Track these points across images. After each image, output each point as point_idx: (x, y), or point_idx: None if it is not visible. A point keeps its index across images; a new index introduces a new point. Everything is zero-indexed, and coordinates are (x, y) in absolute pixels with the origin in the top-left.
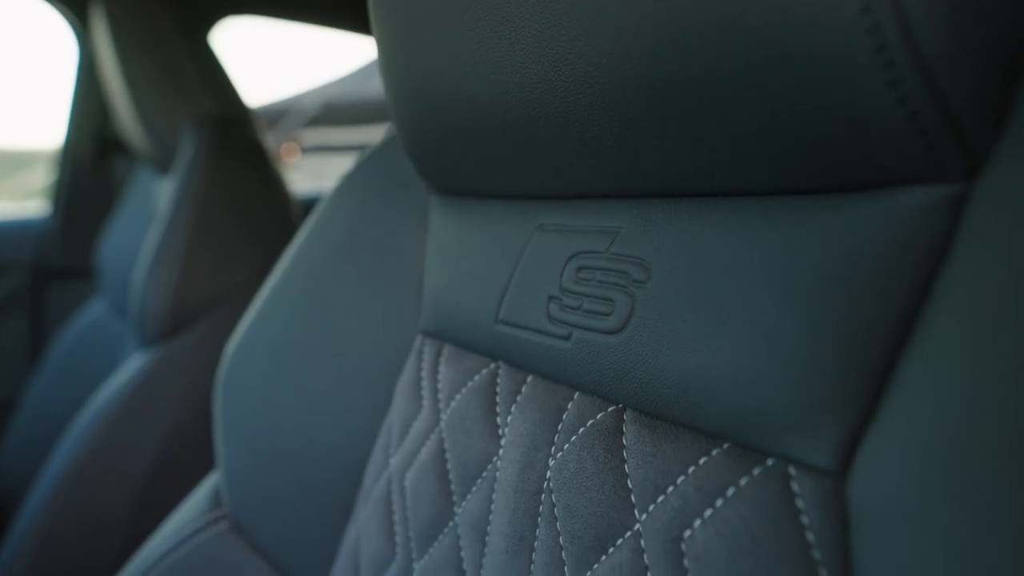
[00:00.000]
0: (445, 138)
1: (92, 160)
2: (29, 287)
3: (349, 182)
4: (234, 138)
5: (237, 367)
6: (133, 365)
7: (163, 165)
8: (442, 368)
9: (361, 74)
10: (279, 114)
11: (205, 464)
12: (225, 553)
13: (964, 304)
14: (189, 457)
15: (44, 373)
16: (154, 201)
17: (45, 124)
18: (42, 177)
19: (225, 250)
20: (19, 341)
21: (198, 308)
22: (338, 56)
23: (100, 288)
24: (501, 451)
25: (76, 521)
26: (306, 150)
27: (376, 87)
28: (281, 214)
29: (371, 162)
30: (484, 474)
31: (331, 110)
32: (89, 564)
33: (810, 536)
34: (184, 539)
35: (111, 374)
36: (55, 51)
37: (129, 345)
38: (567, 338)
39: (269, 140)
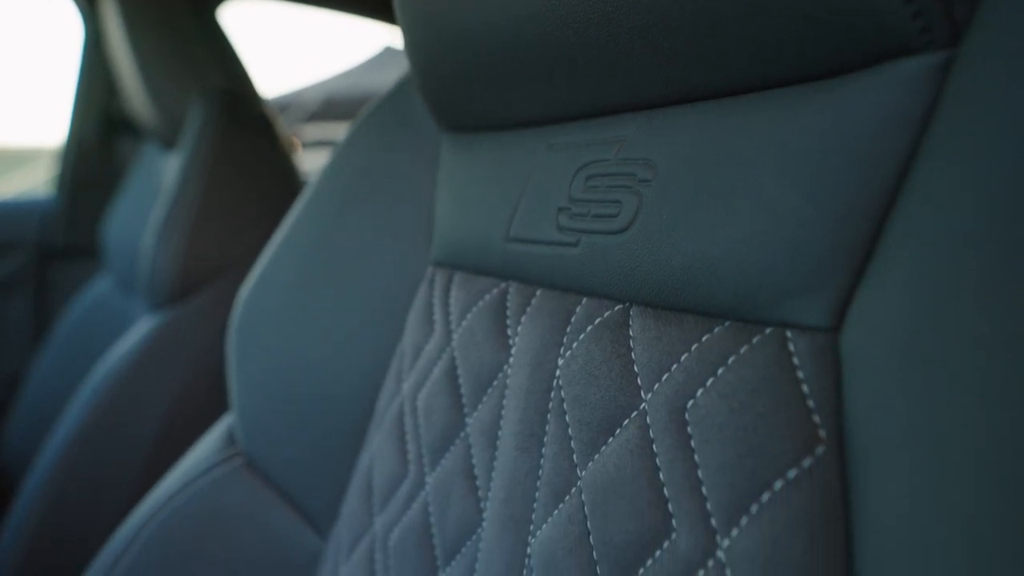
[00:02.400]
0: (459, 69)
1: (97, 140)
2: (34, 265)
3: (361, 128)
4: (242, 111)
5: (251, 310)
6: (141, 329)
7: (169, 141)
8: (453, 292)
9: (362, 69)
10: (279, 109)
11: (213, 426)
12: (239, 488)
13: (949, 162)
14: (197, 419)
15: (49, 350)
16: (159, 178)
17: (45, 122)
18: (41, 175)
19: (234, 217)
20: (24, 319)
21: (207, 273)
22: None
23: (105, 266)
24: (511, 359)
25: (84, 482)
26: (306, 145)
27: (376, 82)
28: (288, 186)
29: (382, 108)
30: (495, 383)
31: (332, 105)
32: (97, 524)
33: (805, 388)
34: (198, 476)
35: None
36: (55, 43)
37: (135, 317)
38: (575, 244)
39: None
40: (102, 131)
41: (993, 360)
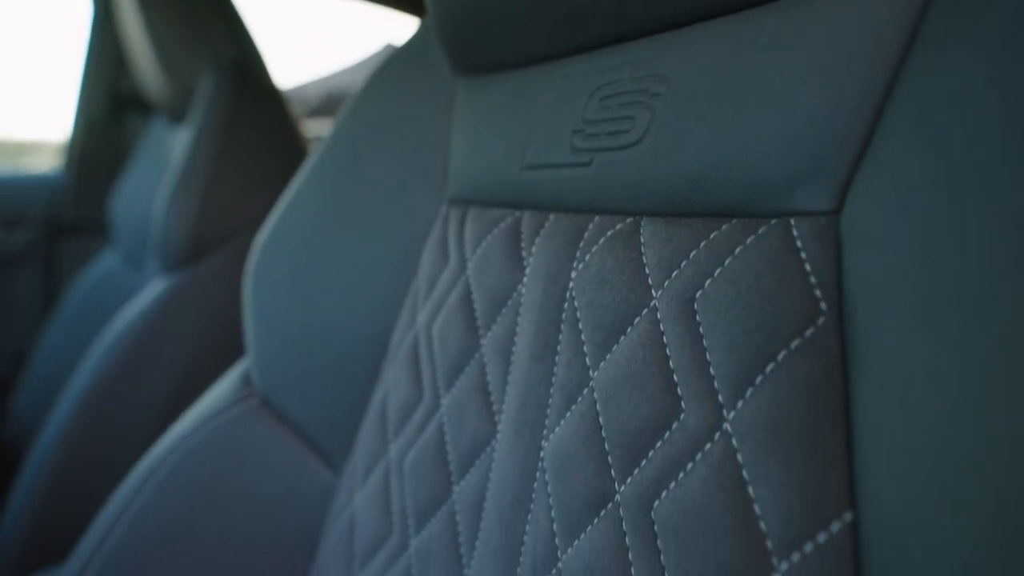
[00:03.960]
0: (476, 5)
1: (105, 116)
2: (43, 240)
3: (375, 78)
4: (252, 81)
5: (268, 254)
6: (153, 291)
7: (179, 114)
8: (468, 225)
9: (364, 65)
10: None
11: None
12: (254, 426)
13: (946, 46)
14: (209, 380)
15: (57, 323)
16: (168, 153)
17: (47, 115)
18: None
19: (245, 182)
20: (32, 294)
21: (219, 236)
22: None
23: (112, 241)
24: (525, 279)
25: (96, 443)
26: (308, 141)
27: None
28: (297, 153)
29: (396, 58)
30: (509, 302)
31: (333, 101)
32: (109, 485)
33: (807, 266)
34: (213, 415)
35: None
36: (57, 33)
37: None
38: (589, 164)
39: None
40: (110, 108)
41: (980, 225)
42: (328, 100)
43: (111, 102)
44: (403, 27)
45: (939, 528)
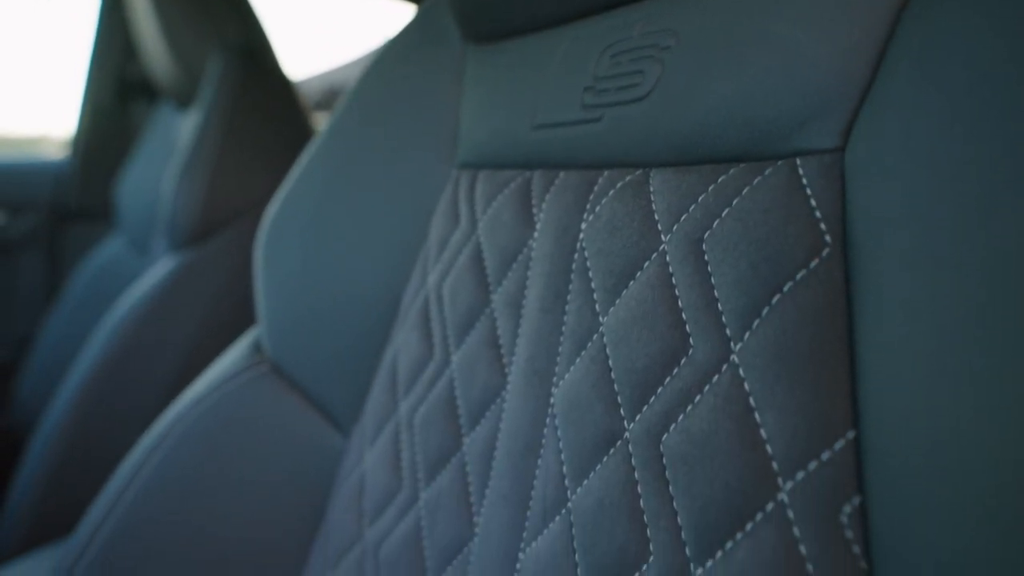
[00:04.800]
0: None
1: (112, 103)
2: (47, 226)
3: (389, 46)
4: (260, 63)
5: (279, 222)
6: (162, 269)
7: (185, 100)
8: (478, 187)
9: (366, 61)
10: None
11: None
12: (264, 392)
13: None
14: (214, 359)
15: (60, 309)
16: (174, 139)
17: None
18: None
19: (254, 161)
20: (36, 279)
21: (227, 215)
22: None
23: (117, 226)
24: (536, 234)
25: (103, 421)
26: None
27: None
28: (305, 137)
29: (409, 27)
30: (519, 257)
31: (335, 96)
32: (115, 462)
33: (813, 202)
34: (224, 381)
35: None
36: (61, 25)
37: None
38: (599, 120)
39: None
40: (117, 94)
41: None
42: (330, 95)
43: (118, 89)
44: (403, 22)
45: (937, 439)
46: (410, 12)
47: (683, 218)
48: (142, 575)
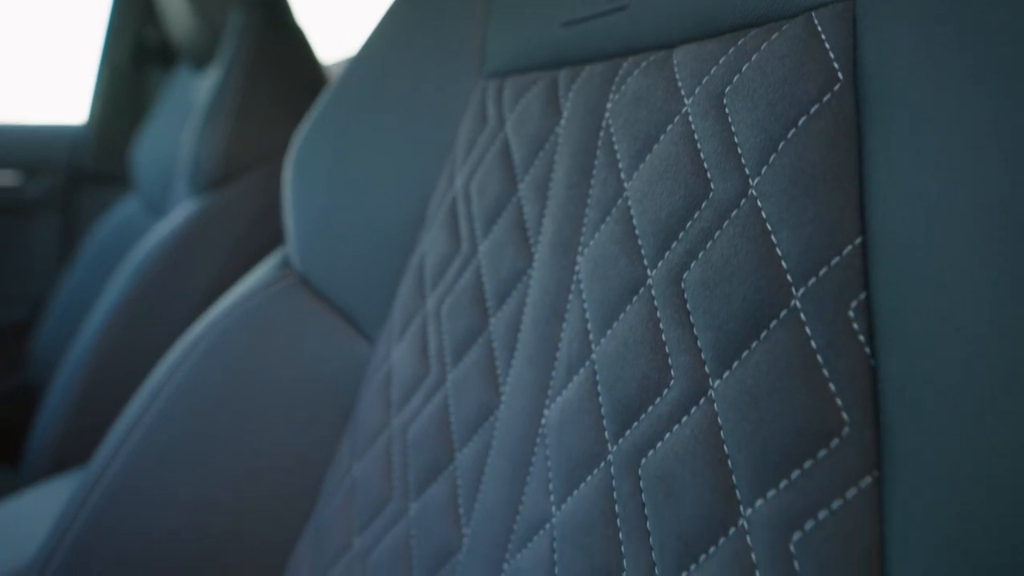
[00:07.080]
0: None
1: (129, 67)
2: (63, 188)
3: None
4: (279, 18)
5: (309, 142)
6: (183, 212)
7: (205, 58)
8: (506, 90)
9: None
10: None
11: None
12: (292, 302)
13: None
14: None
15: (75, 269)
16: (191, 100)
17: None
18: None
19: (276, 109)
20: (51, 241)
21: (249, 161)
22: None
23: (133, 188)
24: (563, 120)
25: (123, 361)
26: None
27: None
28: (323, 87)
29: None
30: (546, 144)
31: None
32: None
33: (826, 44)
34: (252, 294)
35: None
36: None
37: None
38: (626, 7)
39: None
40: (134, 58)
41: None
42: None
43: (136, 53)
44: None
45: (937, 240)
46: None
47: (704, 80)
48: (173, 478)
